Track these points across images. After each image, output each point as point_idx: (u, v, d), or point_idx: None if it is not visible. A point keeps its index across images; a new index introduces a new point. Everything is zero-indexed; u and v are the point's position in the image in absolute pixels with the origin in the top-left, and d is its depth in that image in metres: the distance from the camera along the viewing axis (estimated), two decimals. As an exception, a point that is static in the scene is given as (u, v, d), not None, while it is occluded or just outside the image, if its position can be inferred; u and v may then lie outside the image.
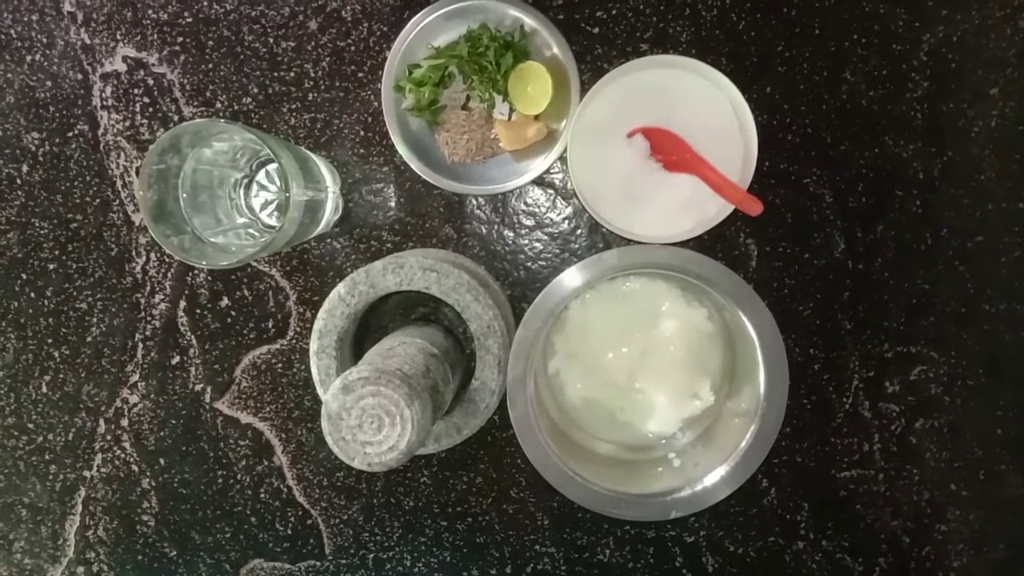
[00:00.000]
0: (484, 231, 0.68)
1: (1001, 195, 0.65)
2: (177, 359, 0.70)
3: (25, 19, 0.67)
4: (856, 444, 0.68)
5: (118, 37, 0.67)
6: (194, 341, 0.70)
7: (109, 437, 0.71)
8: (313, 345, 0.59)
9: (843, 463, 0.68)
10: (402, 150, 0.65)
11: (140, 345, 0.70)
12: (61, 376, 0.71)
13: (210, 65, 0.67)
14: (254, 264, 0.69)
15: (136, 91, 0.67)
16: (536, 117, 0.64)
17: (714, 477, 0.59)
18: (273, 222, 0.64)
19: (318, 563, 0.72)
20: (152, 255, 0.69)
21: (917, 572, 0.69)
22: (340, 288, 0.58)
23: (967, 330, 0.66)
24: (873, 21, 0.64)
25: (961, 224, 0.65)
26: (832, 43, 0.64)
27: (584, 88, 0.63)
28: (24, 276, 0.70)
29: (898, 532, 0.69)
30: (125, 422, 0.71)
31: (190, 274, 0.69)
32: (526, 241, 0.68)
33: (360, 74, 0.66)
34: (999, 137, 0.64)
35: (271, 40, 0.66)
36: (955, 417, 0.67)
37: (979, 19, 0.64)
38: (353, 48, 0.66)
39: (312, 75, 0.66)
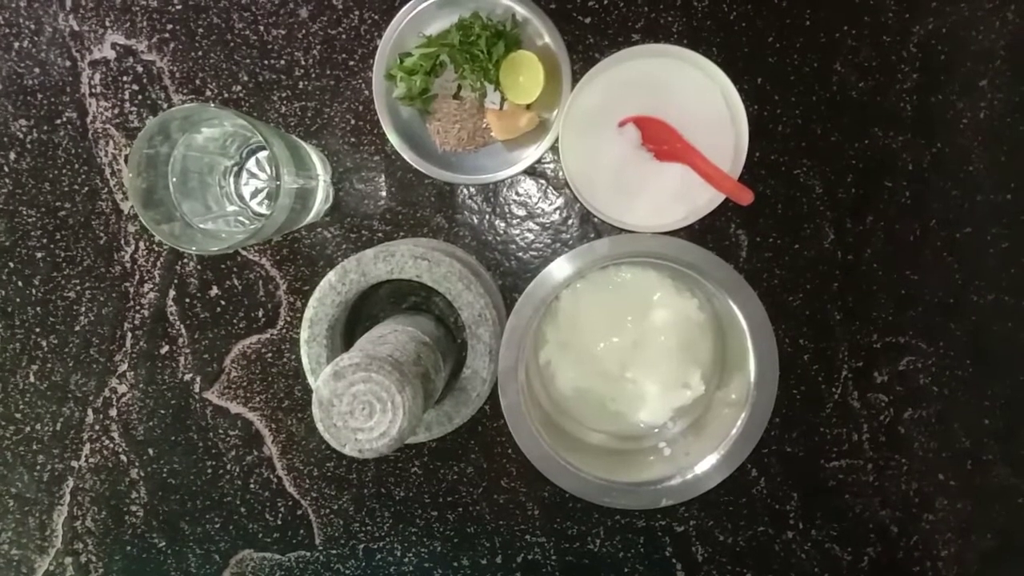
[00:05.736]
0: (475, 221, 0.68)
1: (989, 187, 0.65)
2: (166, 348, 0.70)
3: (13, 5, 0.67)
4: (845, 434, 0.68)
5: (107, 24, 0.66)
6: (183, 330, 0.69)
7: (97, 427, 0.71)
8: (303, 334, 0.59)
9: (832, 453, 0.68)
10: (393, 139, 0.65)
11: (129, 334, 0.69)
12: (49, 365, 0.70)
13: (200, 53, 0.66)
14: (244, 253, 0.68)
15: (125, 78, 0.67)
16: (528, 106, 0.64)
17: (704, 466, 0.59)
18: (263, 211, 0.63)
19: (308, 553, 0.72)
20: (141, 244, 0.68)
21: (905, 561, 0.70)
22: (331, 276, 0.58)
23: (955, 321, 0.67)
24: (863, 13, 0.64)
25: (950, 215, 0.66)
26: (823, 34, 0.64)
27: (576, 77, 0.63)
28: (12, 265, 0.69)
29: (886, 521, 0.69)
30: (113, 412, 0.70)
31: (179, 263, 0.69)
32: (517, 231, 0.68)
33: (351, 62, 0.66)
34: (988, 129, 0.65)
35: (261, 28, 0.66)
36: (943, 407, 0.68)
37: (968, 11, 0.64)
38: (344, 36, 0.66)
39: (303, 63, 0.66)
